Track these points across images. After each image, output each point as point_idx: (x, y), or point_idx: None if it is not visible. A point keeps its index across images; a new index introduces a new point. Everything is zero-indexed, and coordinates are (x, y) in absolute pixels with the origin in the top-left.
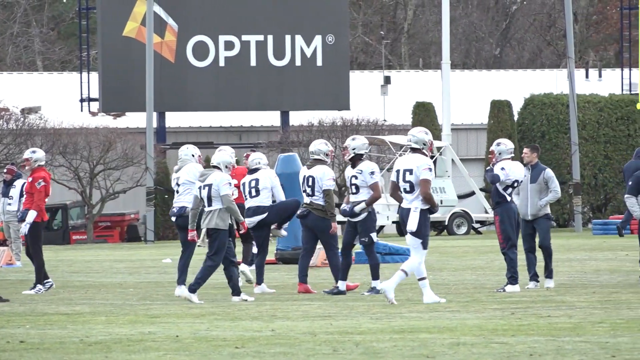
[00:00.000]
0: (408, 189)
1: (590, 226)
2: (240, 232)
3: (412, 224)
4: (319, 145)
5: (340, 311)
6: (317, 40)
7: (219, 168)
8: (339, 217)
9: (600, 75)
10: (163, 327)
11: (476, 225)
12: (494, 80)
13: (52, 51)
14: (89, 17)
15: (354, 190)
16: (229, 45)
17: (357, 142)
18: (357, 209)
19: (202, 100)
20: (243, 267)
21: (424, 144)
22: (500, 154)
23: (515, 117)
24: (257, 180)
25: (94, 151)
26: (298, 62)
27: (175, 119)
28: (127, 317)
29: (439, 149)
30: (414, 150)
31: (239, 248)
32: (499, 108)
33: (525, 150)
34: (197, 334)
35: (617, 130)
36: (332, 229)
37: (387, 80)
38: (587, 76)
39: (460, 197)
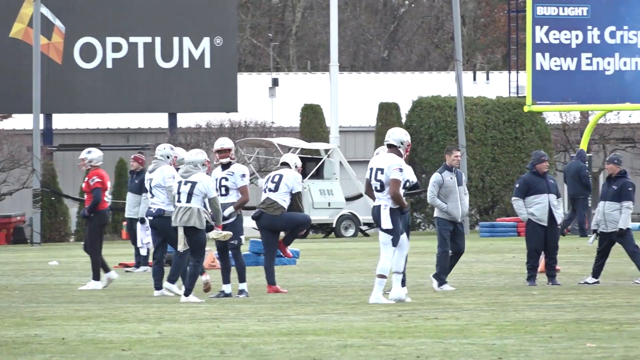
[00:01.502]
0: (379, 187)
1: (478, 228)
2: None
3: (386, 222)
4: (295, 158)
5: (228, 313)
6: (205, 42)
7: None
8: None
9: (487, 78)
10: (49, 329)
11: (364, 228)
12: (382, 83)
13: None
14: None
15: (224, 192)
16: (116, 47)
17: (233, 144)
18: (226, 212)
19: (89, 102)
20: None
21: (402, 143)
22: None
23: (403, 120)
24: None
25: None
26: (186, 64)
27: (62, 121)
28: (13, 320)
29: (326, 151)
30: (390, 148)
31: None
32: (387, 110)
33: (458, 153)
34: (83, 337)
35: (504, 133)
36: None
37: (275, 82)
38: (474, 79)
39: (348, 199)
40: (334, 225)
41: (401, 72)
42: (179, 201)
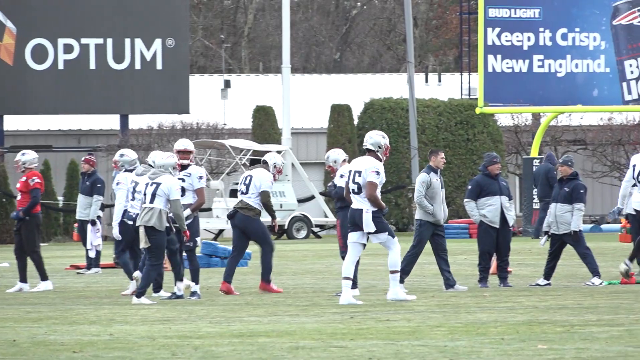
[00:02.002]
0: (356, 190)
1: None
2: (184, 241)
3: (369, 226)
4: (276, 158)
5: (179, 315)
6: (157, 43)
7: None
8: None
9: (439, 80)
10: (0, 331)
11: (316, 230)
12: (334, 85)
13: None
14: None
15: (180, 193)
16: (68, 49)
17: (194, 147)
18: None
19: (41, 103)
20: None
21: (379, 147)
22: (335, 162)
23: (355, 122)
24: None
25: None
26: (138, 66)
27: (13, 122)
28: None
29: (278, 153)
30: (368, 152)
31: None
32: (339, 112)
33: (443, 154)
34: (34, 339)
35: (456, 135)
36: (275, 227)
37: (227, 84)
38: (426, 81)
39: (300, 201)
40: (285, 227)
41: (353, 73)
42: (144, 202)
